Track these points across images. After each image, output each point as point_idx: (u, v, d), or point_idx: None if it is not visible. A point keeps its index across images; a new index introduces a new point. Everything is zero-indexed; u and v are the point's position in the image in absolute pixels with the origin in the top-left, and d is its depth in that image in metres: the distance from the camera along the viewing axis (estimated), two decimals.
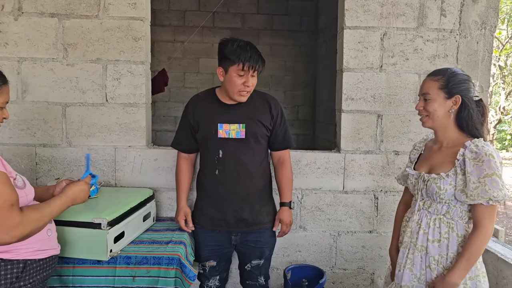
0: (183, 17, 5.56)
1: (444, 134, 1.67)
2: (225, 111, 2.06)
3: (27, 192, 1.47)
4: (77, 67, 2.37)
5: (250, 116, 2.06)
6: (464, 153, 1.55)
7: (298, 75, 5.72)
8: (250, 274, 2.22)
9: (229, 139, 2.04)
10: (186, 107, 2.17)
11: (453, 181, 1.57)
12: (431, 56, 2.46)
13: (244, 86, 1.96)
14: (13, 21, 2.34)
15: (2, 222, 1.29)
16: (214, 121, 2.05)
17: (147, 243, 1.99)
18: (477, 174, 1.50)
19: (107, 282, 1.81)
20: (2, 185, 1.32)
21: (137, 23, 2.37)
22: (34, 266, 1.45)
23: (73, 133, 2.41)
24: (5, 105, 1.47)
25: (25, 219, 1.35)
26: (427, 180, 1.63)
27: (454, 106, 1.61)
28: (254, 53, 1.95)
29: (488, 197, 1.48)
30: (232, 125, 2.04)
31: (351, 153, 2.49)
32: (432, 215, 1.64)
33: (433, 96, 1.63)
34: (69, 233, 1.75)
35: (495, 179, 1.48)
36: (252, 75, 1.97)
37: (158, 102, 5.48)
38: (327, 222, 2.52)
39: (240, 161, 2.05)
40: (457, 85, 1.61)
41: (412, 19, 2.44)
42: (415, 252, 1.66)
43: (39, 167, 2.42)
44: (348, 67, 2.46)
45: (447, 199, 1.59)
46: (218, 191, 2.07)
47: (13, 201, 1.34)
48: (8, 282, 1.37)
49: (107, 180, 2.44)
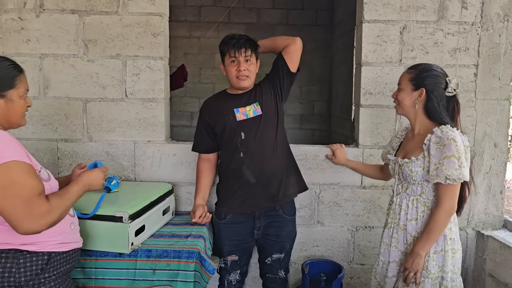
0: (199, 12, 5.58)
1: (415, 122, 1.84)
2: (237, 99, 2.16)
3: (52, 184, 1.50)
4: (97, 63, 2.41)
5: (260, 95, 2.15)
6: (430, 138, 1.72)
7: (313, 70, 5.69)
8: (270, 267, 2.25)
9: (248, 119, 2.11)
10: (201, 110, 2.26)
11: (422, 163, 1.74)
12: (451, 50, 2.43)
13: (237, 71, 2.06)
14: (35, 18, 2.38)
15: (32, 211, 1.31)
16: (229, 108, 2.13)
17: (167, 237, 2.02)
18: (438, 156, 1.67)
19: (128, 275, 1.84)
20: (29, 176, 1.35)
21: (155, 18, 2.39)
22: (58, 258, 1.48)
23: (94, 128, 2.45)
24: (26, 93, 1.50)
25: (52, 206, 1.37)
26: (401, 164, 1.82)
27: (418, 97, 1.78)
28: (240, 38, 2.06)
29: (444, 176, 1.65)
30: (247, 106, 2.13)
31: (369, 148, 2.47)
32: (410, 197, 1.82)
33: (402, 86, 1.82)
34: (91, 226, 1.78)
35: (452, 160, 1.64)
36: (246, 60, 2.06)
37: (174, 97, 5.52)
38: (345, 217, 2.52)
39: (263, 137, 2.10)
40: (424, 79, 1.77)
41: (433, 12, 2.41)
42: (399, 231, 1.84)
43: (60, 162, 2.47)
44: (366, 61, 2.43)
45: (419, 181, 1.77)
46: (245, 173, 2.09)
47: (40, 190, 1.36)
48: (33, 273, 1.41)
49: (127, 174, 2.47)
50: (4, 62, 1.46)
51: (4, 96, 1.43)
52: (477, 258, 2.52)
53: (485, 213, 2.53)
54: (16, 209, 1.30)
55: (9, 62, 1.47)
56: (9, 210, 1.30)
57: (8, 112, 1.45)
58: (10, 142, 1.37)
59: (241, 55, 2.04)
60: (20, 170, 1.33)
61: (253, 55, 2.09)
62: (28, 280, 1.40)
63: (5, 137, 1.37)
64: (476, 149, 2.48)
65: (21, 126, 1.54)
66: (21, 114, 1.50)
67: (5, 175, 1.30)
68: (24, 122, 1.54)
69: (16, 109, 1.47)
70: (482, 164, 2.49)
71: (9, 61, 1.47)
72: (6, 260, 1.38)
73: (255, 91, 2.17)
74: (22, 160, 1.35)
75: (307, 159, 2.46)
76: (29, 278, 1.40)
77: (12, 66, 1.46)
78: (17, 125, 1.51)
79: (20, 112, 1.49)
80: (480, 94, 2.46)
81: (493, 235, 2.41)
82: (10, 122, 1.48)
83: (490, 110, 2.46)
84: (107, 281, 1.84)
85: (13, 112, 1.46)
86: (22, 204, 1.30)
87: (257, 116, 2.11)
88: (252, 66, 2.10)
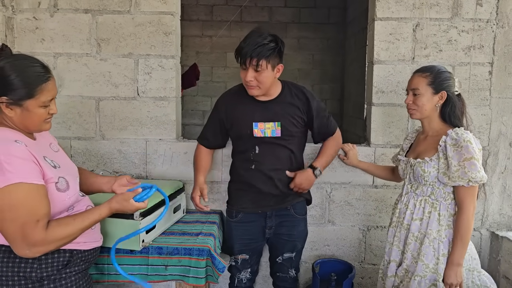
0: (211, 11, 5.59)
1: (429, 125, 1.85)
2: (259, 108, 2.01)
3: (69, 194, 1.45)
4: (109, 62, 2.43)
5: (285, 114, 2.01)
6: (446, 140, 1.73)
7: (326, 69, 5.66)
8: (281, 266, 2.23)
9: (265, 137, 2.02)
10: (217, 104, 2.14)
11: (436, 164, 1.75)
12: (466, 47, 2.39)
13: (245, 81, 1.92)
14: (49, 18, 2.41)
15: (25, 237, 1.28)
16: (249, 120, 2.01)
17: (178, 235, 2.03)
18: (457, 158, 1.68)
19: (140, 270, 1.86)
20: (31, 200, 1.30)
21: (167, 17, 2.40)
22: (79, 256, 1.49)
23: (106, 127, 2.48)
24: (50, 102, 1.42)
25: (49, 237, 1.32)
26: (414, 164, 1.82)
27: (440, 100, 1.79)
28: (246, 45, 1.84)
29: (467, 178, 1.66)
30: (267, 123, 2.00)
31: (381, 147, 2.45)
32: (419, 197, 1.82)
33: (422, 91, 1.80)
34: (103, 223, 1.79)
35: (473, 162, 1.65)
36: (255, 70, 1.86)
37: (186, 96, 5.56)
38: (356, 217, 2.50)
39: (278, 156, 2.05)
40: (443, 82, 1.78)
41: (446, 9, 2.37)
42: (402, 230, 1.87)
43: (74, 160, 2.49)
44: (379, 59, 2.41)
45: (431, 181, 1.77)
46: (257, 183, 2.06)
47: (39, 216, 1.30)
48: (55, 269, 1.42)
49: (139, 172, 2.49)
50: (34, 68, 1.38)
51: (21, 105, 1.36)
52: (491, 260, 2.48)
53: (499, 213, 2.48)
54: (12, 233, 1.28)
55: (39, 69, 1.39)
56: (7, 233, 1.30)
57: (24, 121, 1.39)
58: (21, 161, 1.29)
59: (246, 64, 1.87)
60: (22, 193, 1.28)
61: (265, 63, 1.85)
62: (50, 275, 1.41)
63: (17, 154, 1.29)
64: (491, 148, 2.44)
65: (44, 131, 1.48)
66: (39, 122, 1.42)
67: (5, 198, 1.26)
68: (47, 127, 1.46)
69: (33, 118, 1.39)
70: (497, 164, 2.45)
71: (40, 67, 1.39)
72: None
73: (282, 105, 2.02)
74: (28, 181, 1.29)
75: None
76: (51, 274, 1.41)
77: (37, 74, 1.37)
78: (37, 131, 1.46)
79: (37, 121, 1.41)
80: (495, 92, 2.41)
81: (508, 236, 2.37)
82: (28, 129, 1.42)
83: (506, 109, 2.42)
84: (120, 276, 1.86)
85: (30, 121, 1.39)
86: (18, 229, 1.28)
87: (275, 137, 2.02)
88: (264, 75, 1.88)
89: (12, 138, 1.34)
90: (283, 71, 1.99)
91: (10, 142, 1.32)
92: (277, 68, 1.94)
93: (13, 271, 1.37)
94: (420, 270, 1.75)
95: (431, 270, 1.75)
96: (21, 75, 1.35)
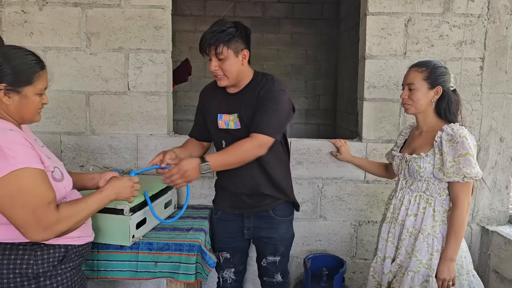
0: (204, 6, 5.56)
1: (424, 120, 1.85)
2: (225, 100, 1.96)
3: (65, 184, 1.47)
4: (100, 56, 2.40)
5: (243, 104, 1.90)
6: (441, 135, 1.72)
7: (319, 64, 5.65)
8: (266, 270, 2.14)
9: (229, 129, 1.94)
10: (199, 97, 2.14)
11: (432, 160, 1.74)
12: (457, 42, 2.39)
13: (211, 72, 1.87)
14: (38, 11, 2.38)
15: (40, 220, 1.29)
16: (215, 112, 1.98)
17: (169, 230, 2.02)
18: (452, 154, 1.68)
19: (130, 267, 1.85)
20: (39, 184, 1.32)
21: (158, 11, 2.38)
22: (74, 251, 1.50)
23: (97, 122, 2.45)
24: (43, 91, 1.46)
25: (62, 216, 1.34)
26: (409, 160, 1.81)
27: (435, 96, 1.79)
28: (206, 34, 1.79)
29: (462, 174, 1.66)
30: (231, 115, 1.92)
31: (373, 142, 2.45)
32: (414, 192, 1.82)
33: (417, 86, 1.79)
34: (92, 218, 1.78)
35: (468, 158, 1.65)
36: (218, 58, 1.80)
37: (179, 92, 5.53)
38: (347, 212, 2.50)
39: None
40: (438, 77, 1.77)
41: (438, 4, 2.37)
42: (396, 226, 1.86)
43: (64, 155, 2.47)
44: (370, 54, 2.41)
45: (426, 177, 1.77)
46: (227, 181, 2.02)
47: (49, 199, 1.33)
48: (51, 265, 1.42)
49: (130, 167, 2.47)
50: (28, 56, 1.41)
51: (19, 92, 1.38)
52: (482, 254, 2.50)
53: (490, 208, 2.50)
54: (24, 218, 1.29)
55: (33, 57, 1.42)
56: (18, 219, 1.29)
57: (21, 109, 1.41)
58: (21, 147, 1.31)
59: (208, 54, 1.81)
60: (30, 178, 1.29)
61: (225, 48, 1.78)
62: (46, 271, 1.41)
63: (16, 141, 1.32)
64: (482, 143, 2.45)
65: (35, 122, 1.50)
66: (35, 111, 1.45)
67: (13, 183, 1.27)
68: (38, 118, 1.49)
69: (30, 106, 1.42)
70: (488, 159, 2.46)
71: (33, 56, 1.43)
72: (23, 252, 1.39)
73: (244, 96, 1.90)
74: (32, 166, 1.31)
75: (310, 153, 2.45)
76: (47, 270, 1.41)
77: (35, 62, 1.41)
78: (30, 121, 1.47)
79: (33, 109, 1.44)
80: (486, 87, 2.42)
81: (498, 231, 2.39)
82: (23, 118, 1.44)
83: (496, 104, 2.43)
84: (110, 272, 1.85)
85: (26, 109, 1.42)
86: (30, 213, 1.28)
87: (237, 129, 1.91)
88: (227, 63, 1.80)
89: (7, 128, 1.37)
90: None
91: (6, 131, 1.34)
92: (242, 54, 1.84)
93: (8, 268, 1.36)
94: (413, 265, 1.75)
95: (424, 265, 1.75)
96: (20, 62, 1.38)
